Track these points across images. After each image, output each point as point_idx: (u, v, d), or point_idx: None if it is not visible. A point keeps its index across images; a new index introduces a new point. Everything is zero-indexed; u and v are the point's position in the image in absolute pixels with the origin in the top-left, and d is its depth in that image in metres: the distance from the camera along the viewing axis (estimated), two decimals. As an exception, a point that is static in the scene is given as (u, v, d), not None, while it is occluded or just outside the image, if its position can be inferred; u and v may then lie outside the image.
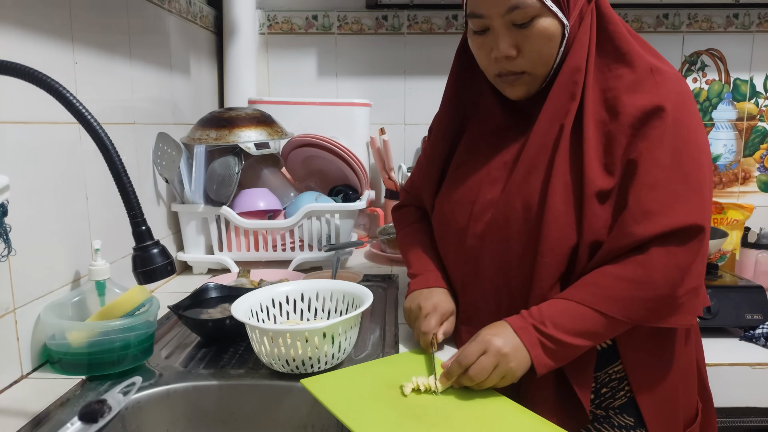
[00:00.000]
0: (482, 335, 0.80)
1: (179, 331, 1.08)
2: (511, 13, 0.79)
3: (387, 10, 1.90)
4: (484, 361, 0.77)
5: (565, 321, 0.78)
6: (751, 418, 1.18)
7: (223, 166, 1.44)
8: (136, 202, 0.70)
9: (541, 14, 0.80)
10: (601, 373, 0.88)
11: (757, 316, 1.23)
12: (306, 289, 1.02)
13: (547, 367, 0.79)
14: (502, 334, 0.79)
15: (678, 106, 0.80)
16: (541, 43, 0.81)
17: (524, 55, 0.83)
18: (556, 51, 0.83)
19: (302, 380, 0.81)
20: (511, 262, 0.87)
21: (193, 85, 1.65)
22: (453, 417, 0.73)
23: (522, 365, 0.78)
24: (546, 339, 0.78)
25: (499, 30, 0.82)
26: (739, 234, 1.58)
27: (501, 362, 0.77)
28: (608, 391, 0.88)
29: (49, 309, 0.91)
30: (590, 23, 0.84)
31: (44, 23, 0.94)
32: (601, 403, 0.89)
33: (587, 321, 0.78)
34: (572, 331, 0.78)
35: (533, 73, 0.85)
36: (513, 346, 0.78)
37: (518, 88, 0.87)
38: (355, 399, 0.76)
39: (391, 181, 1.84)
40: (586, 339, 0.79)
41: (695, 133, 0.81)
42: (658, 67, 0.83)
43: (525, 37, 0.81)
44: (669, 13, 1.89)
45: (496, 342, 0.78)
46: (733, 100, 1.95)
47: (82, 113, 0.67)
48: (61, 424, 0.74)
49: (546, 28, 0.81)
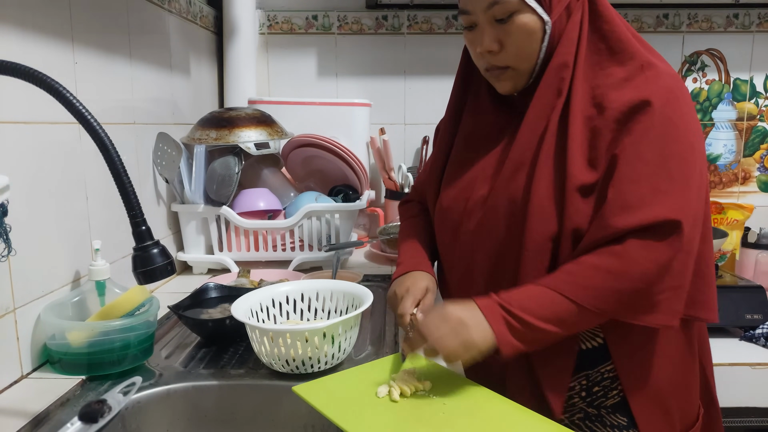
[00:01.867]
0: (444, 308, 0.80)
1: (179, 331, 1.08)
2: (492, 9, 0.82)
3: (387, 10, 1.90)
4: (443, 328, 0.77)
5: (534, 305, 0.78)
6: (751, 418, 1.18)
7: (223, 166, 1.44)
8: (136, 202, 0.70)
9: (520, 10, 0.82)
10: (593, 372, 0.88)
11: (757, 316, 1.24)
12: (306, 289, 1.02)
13: (512, 347, 0.78)
14: (464, 307, 0.79)
15: (668, 101, 0.79)
16: (521, 38, 0.83)
17: (506, 50, 0.85)
18: (538, 46, 0.84)
19: (294, 388, 0.79)
20: (500, 258, 0.87)
21: (193, 85, 1.65)
22: (453, 418, 0.73)
23: (483, 338, 0.77)
24: (511, 318, 0.77)
25: (483, 25, 0.84)
26: (739, 234, 1.58)
27: (460, 330, 0.77)
28: (600, 390, 0.88)
29: (49, 309, 0.91)
30: (580, 19, 0.84)
31: (44, 23, 0.94)
32: (593, 402, 0.89)
33: (556, 307, 0.78)
34: (540, 315, 0.78)
35: (517, 67, 0.86)
36: (474, 318, 0.78)
37: (504, 83, 0.88)
38: (351, 403, 0.76)
39: (391, 181, 1.84)
40: (554, 325, 0.78)
41: (684, 130, 0.80)
42: (651, 63, 0.82)
43: (506, 32, 0.83)
44: (669, 13, 1.89)
45: (455, 311, 0.78)
46: (733, 100, 1.95)
47: (82, 113, 0.67)
48: (61, 424, 0.74)
49: (525, 23, 0.82)
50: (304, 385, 0.80)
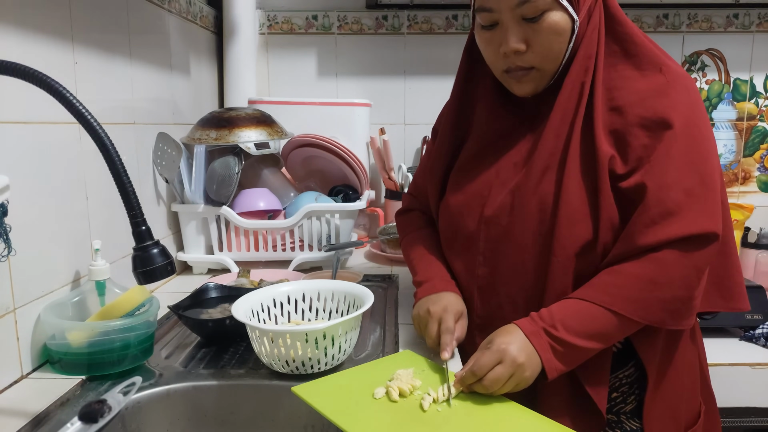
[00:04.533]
0: (496, 344, 0.78)
1: (179, 331, 1.08)
2: (522, 7, 0.79)
3: (387, 10, 1.90)
4: (500, 371, 0.75)
5: (576, 323, 0.77)
6: (751, 418, 1.18)
7: (223, 166, 1.44)
8: (136, 202, 0.70)
9: (551, 8, 0.79)
10: (612, 377, 0.87)
11: (757, 316, 1.24)
12: (307, 290, 1.02)
13: (557, 371, 0.77)
14: (515, 341, 0.77)
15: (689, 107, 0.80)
16: (551, 37, 0.80)
17: (533, 50, 0.81)
18: (566, 46, 0.82)
19: (293, 388, 0.79)
20: (526, 266, 0.85)
21: (193, 85, 1.65)
22: (453, 418, 0.73)
23: (535, 372, 0.77)
24: (556, 342, 0.77)
25: (509, 24, 0.81)
26: (739, 234, 1.58)
27: (516, 372, 0.75)
28: (619, 396, 0.87)
29: (49, 309, 0.91)
30: (599, 21, 0.84)
31: (44, 23, 0.94)
32: (613, 408, 0.88)
33: (599, 322, 0.77)
34: (583, 333, 0.77)
35: (542, 68, 0.84)
36: (527, 354, 0.76)
37: (526, 85, 0.85)
38: (351, 403, 0.76)
39: (391, 181, 1.84)
40: (597, 341, 0.78)
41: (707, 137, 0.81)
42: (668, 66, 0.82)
43: (535, 31, 0.80)
44: (669, 13, 1.89)
45: (511, 351, 0.76)
46: (733, 100, 1.95)
47: (82, 113, 0.66)
48: (61, 424, 0.74)
49: (556, 22, 0.80)
50: (304, 385, 0.80)
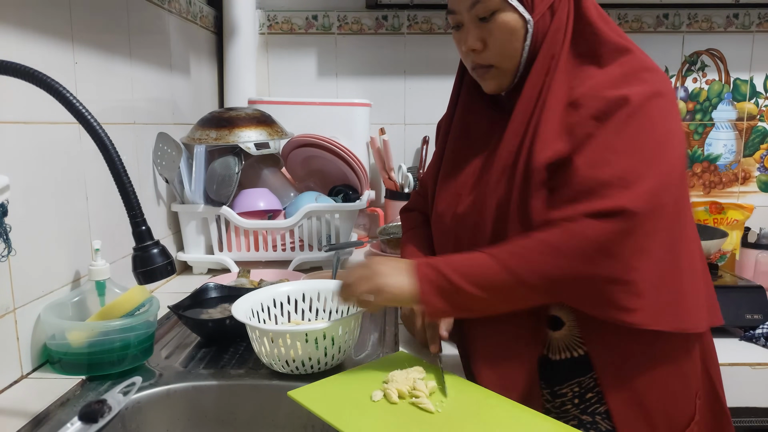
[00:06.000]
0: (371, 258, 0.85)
1: (179, 331, 1.08)
2: (475, 8, 0.83)
3: (387, 10, 1.90)
4: (358, 272, 0.83)
5: (468, 269, 0.80)
6: (751, 418, 1.18)
7: (223, 166, 1.44)
8: (136, 202, 0.70)
9: (501, 8, 0.82)
10: (586, 378, 0.87)
11: (757, 316, 1.23)
12: (307, 290, 1.02)
13: (434, 305, 0.80)
14: (390, 260, 0.84)
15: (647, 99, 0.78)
16: (504, 36, 0.84)
17: (489, 49, 0.85)
18: (521, 45, 0.84)
19: (290, 392, 0.79)
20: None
21: (193, 85, 1.65)
22: (452, 418, 0.73)
23: (399, 287, 0.81)
24: (440, 277, 0.79)
25: (468, 25, 0.86)
26: (739, 234, 1.58)
27: (373, 276, 0.82)
28: (593, 396, 0.87)
29: (49, 309, 0.91)
30: (566, 19, 0.84)
31: (44, 23, 0.94)
32: (587, 408, 0.87)
33: (490, 273, 0.78)
34: (471, 279, 0.78)
35: (500, 66, 0.86)
36: (394, 269, 0.82)
37: (489, 82, 0.89)
38: (349, 405, 0.75)
39: (391, 181, 1.84)
40: (483, 291, 0.78)
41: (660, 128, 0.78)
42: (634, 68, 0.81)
43: (489, 31, 0.84)
44: (669, 13, 1.89)
45: (377, 261, 0.84)
46: (733, 100, 1.95)
47: (82, 113, 0.67)
48: (61, 424, 0.74)
49: (506, 22, 0.83)
50: (300, 389, 0.80)
